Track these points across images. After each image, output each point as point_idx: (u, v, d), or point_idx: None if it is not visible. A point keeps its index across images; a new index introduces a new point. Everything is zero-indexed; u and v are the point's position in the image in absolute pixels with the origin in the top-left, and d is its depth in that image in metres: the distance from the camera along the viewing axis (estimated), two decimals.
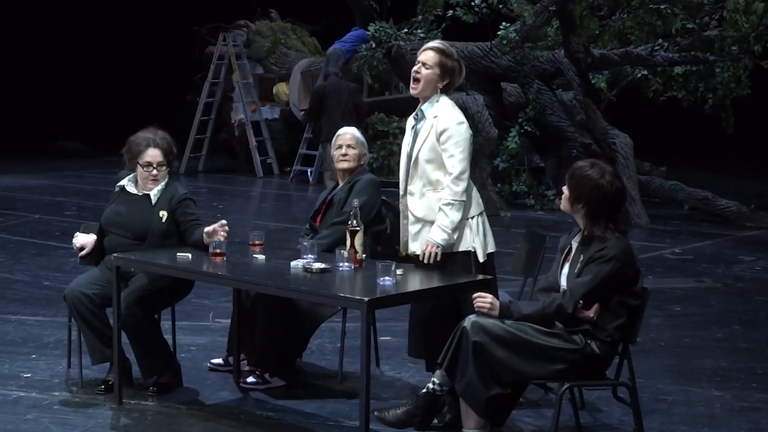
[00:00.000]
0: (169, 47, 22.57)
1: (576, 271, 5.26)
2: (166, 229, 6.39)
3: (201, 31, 20.35)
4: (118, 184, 6.58)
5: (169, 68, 22.89)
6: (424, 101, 6.08)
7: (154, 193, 6.46)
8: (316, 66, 17.95)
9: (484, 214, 6.11)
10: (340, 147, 6.88)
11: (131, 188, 6.53)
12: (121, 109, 21.87)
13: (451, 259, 5.96)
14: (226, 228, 6.17)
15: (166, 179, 6.51)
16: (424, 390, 5.43)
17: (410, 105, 6.43)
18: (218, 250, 6.10)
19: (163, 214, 6.41)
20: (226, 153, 19.79)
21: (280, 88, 19.21)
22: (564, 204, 5.40)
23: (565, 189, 5.37)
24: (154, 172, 6.43)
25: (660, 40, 13.77)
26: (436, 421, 5.78)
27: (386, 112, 17.68)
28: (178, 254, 6.13)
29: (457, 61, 6.10)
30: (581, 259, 5.27)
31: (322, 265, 5.77)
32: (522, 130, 14.76)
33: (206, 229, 6.23)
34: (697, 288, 9.78)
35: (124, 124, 7.46)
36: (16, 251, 10.97)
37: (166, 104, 22.21)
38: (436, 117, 5.98)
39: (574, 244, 5.40)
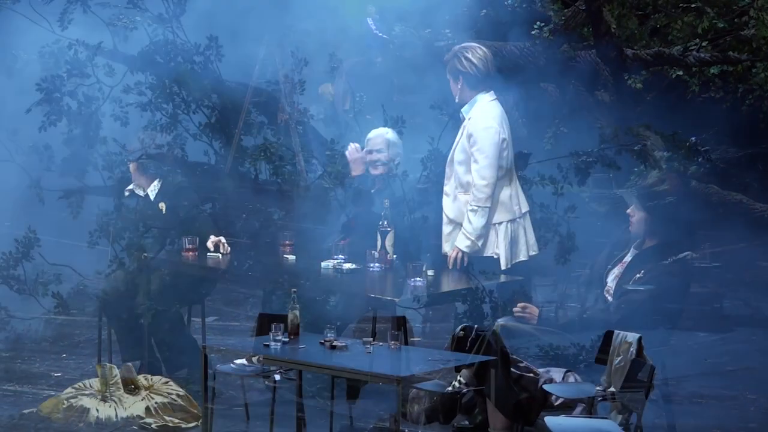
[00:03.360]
0: None
1: (631, 282, 5.16)
2: (168, 219, 6.47)
3: None
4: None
5: None
6: (464, 103, 6.07)
7: (150, 190, 6.60)
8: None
9: (523, 219, 6.02)
10: (371, 153, 6.78)
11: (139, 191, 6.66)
12: None
13: (477, 262, 5.92)
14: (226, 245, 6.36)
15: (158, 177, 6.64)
16: (450, 388, 5.38)
17: None
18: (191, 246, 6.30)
19: (162, 206, 6.53)
20: None
21: (326, 89, 19.15)
22: (635, 227, 5.30)
23: (633, 211, 5.26)
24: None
25: (697, 40, 13.59)
26: (466, 422, 5.74)
27: None
28: (208, 255, 6.17)
29: (453, 54, 6.08)
30: (640, 270, 5.16)
31: (352, 266, 5.75)
32: (557, 132, 14.63)
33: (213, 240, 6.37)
34: None
35: None
36: None
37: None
38: (470, 119, 5.95)
39: (633, 251, 5.30)
